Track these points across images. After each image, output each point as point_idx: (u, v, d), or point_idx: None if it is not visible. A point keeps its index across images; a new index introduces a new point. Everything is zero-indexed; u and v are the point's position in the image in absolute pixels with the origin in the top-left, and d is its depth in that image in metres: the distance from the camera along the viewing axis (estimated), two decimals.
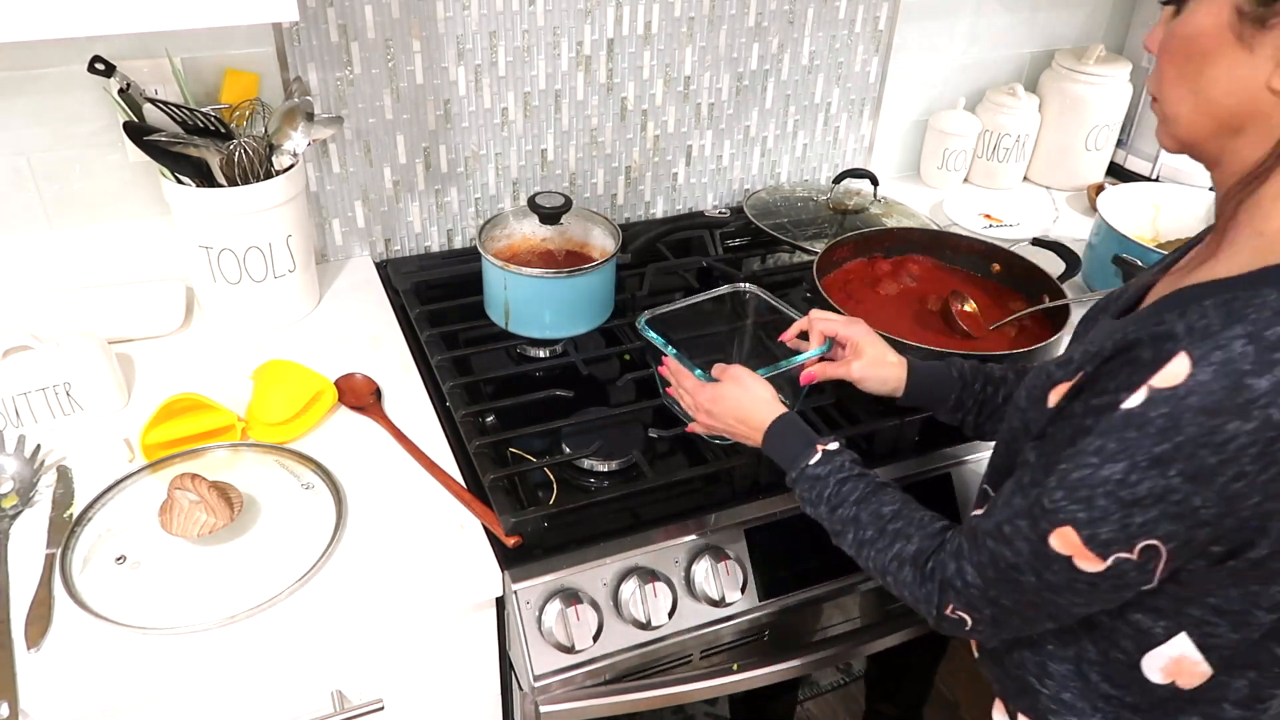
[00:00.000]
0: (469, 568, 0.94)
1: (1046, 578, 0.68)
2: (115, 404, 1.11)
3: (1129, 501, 0.62)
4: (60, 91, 1.16)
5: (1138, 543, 0.63)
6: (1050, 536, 0.67)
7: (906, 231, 1.38)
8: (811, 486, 0.89)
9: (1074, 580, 0.67)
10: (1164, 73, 0.69)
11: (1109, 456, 0.63)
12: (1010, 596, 0.72)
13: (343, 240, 1.43)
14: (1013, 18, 1.72)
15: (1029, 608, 0.72)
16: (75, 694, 0.81)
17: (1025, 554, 0.69)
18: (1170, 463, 0.60)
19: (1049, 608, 0.71)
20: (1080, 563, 0.66)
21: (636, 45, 1.43)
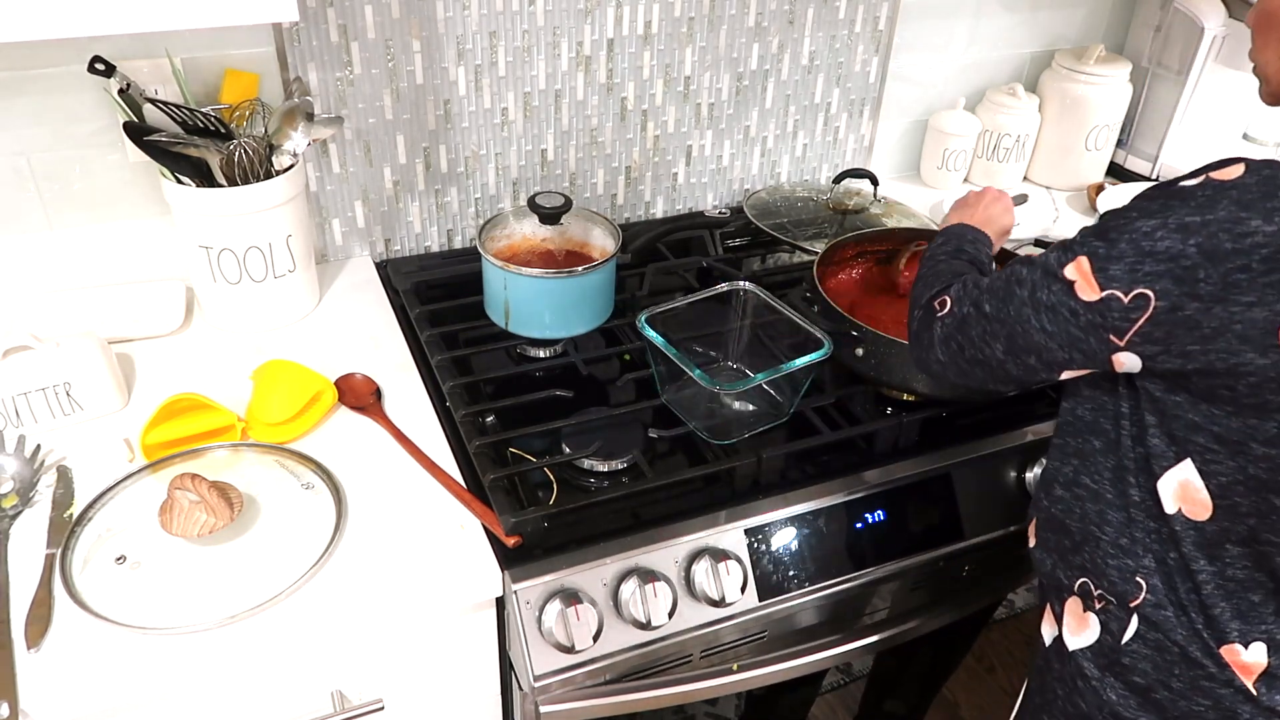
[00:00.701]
0: (469, 568, 0.94)
1: (1039, 295, 0.78)
2: (115, 404, 1.11)
3: (1146, 251, 0.70)
4: (60, 91, 1.16)
5: (1136, 288, 0.71)
6: (1068, 265, 0.75)
7: (908, 232, 1.37)
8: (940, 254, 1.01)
9: (1060, 305, 0.76)
10: (1256, 40, 0.83)
11: (1147, 214, 0.71)
12: (994, 302, 0.82)
13: (343, 240, 1.43)
14: (1013, 18, 1.72)
15: (999, 320, 0.82)
16: (75, 694, 0.81)
17: (1036, 274, 0.79)
18: (1193, 233, 0.68)
19: (1015, 326, 0.80)
20: (1080, 289, 0.74)
21: (636, 45, 1.43)
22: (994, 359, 0.84)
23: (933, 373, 0.91)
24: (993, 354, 0.84)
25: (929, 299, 0.92)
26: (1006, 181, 1.79)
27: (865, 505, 1.08)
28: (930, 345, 0.90)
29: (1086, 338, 0.76)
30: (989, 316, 0.83)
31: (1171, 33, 1.71)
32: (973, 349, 0.85)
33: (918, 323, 0.92)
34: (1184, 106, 1.72)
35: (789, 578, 1.03)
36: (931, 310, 0.90)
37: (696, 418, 1.10)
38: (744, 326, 1.20)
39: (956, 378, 0.89)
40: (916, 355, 0.92)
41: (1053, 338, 0.78)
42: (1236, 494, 0.75)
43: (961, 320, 0.86)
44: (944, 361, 0.88)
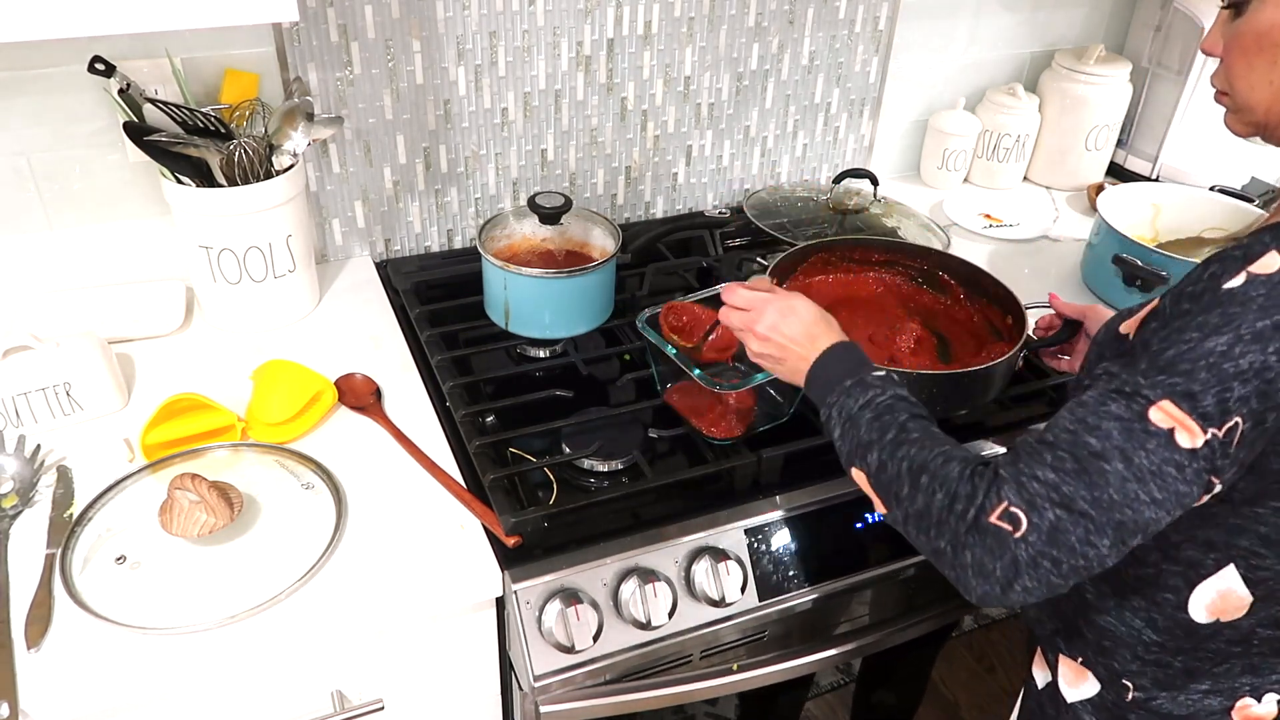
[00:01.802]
0: (469, 568, 0.94)
1: (1138, 461, 0.65)
2: (115, 404, 1.11)
3: (1231, 374, 0.63)
4: (60, 91, 1.16)
5: (1229, 419, 0.64)
6: (1150, 410, 0.65)
7: (870, 241, 1.32)
8: (864, 391, 0.81)
9: (1166, 462, 0.64)
10: (1233, 68, 0.75)
11: (1212, 330, 0.64)
12: (1088, 491, 0.66)
13: (343, 240, 1.43)
14: (1013, 18, 1.72)
15: (1102, 509, 0.66)
16: (75, 694, 0.81)
17: (1115, 437, 0.66)
18: (1270, 340, 0.62)
19: (1123, 510, 0.66)
20: (1181, 436, 0.64)
21: (636, 45, 1.43)
22: (1096, 559, 0.67)
23: (1012, 606, 0.73)
24: (1096, 553, 0.67)
25: (974, 517, 0.69)
26: (1007, 181, 1.79)
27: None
28: (1013, 575, 0.68)
29: (1191, 490, 0.65)
30: (1087, 514, 0.66)
31: (1171, 33, 1.71)
32: (1072, 558, 0.67)
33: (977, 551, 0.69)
34: (1184, 106, 1.72)
35: (789, 578, 1.03)
36: (993, 533, 0.68)
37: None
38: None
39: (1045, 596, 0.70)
40: (985, 594, 0.70)
41: (1162, 505, 0.66)
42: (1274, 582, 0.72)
43: (1052, 531, 0.66)
44: (1030, 589, 0.68)
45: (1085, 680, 0.84)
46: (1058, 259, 1.58)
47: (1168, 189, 1.57)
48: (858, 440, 0.80)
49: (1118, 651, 0.81)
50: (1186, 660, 0.78)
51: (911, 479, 0.74)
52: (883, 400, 0.80)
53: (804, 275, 1.27)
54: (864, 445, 0.79)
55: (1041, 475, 0.67)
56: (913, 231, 1.49)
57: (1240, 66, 0.74)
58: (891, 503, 0.76)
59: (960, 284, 1.25)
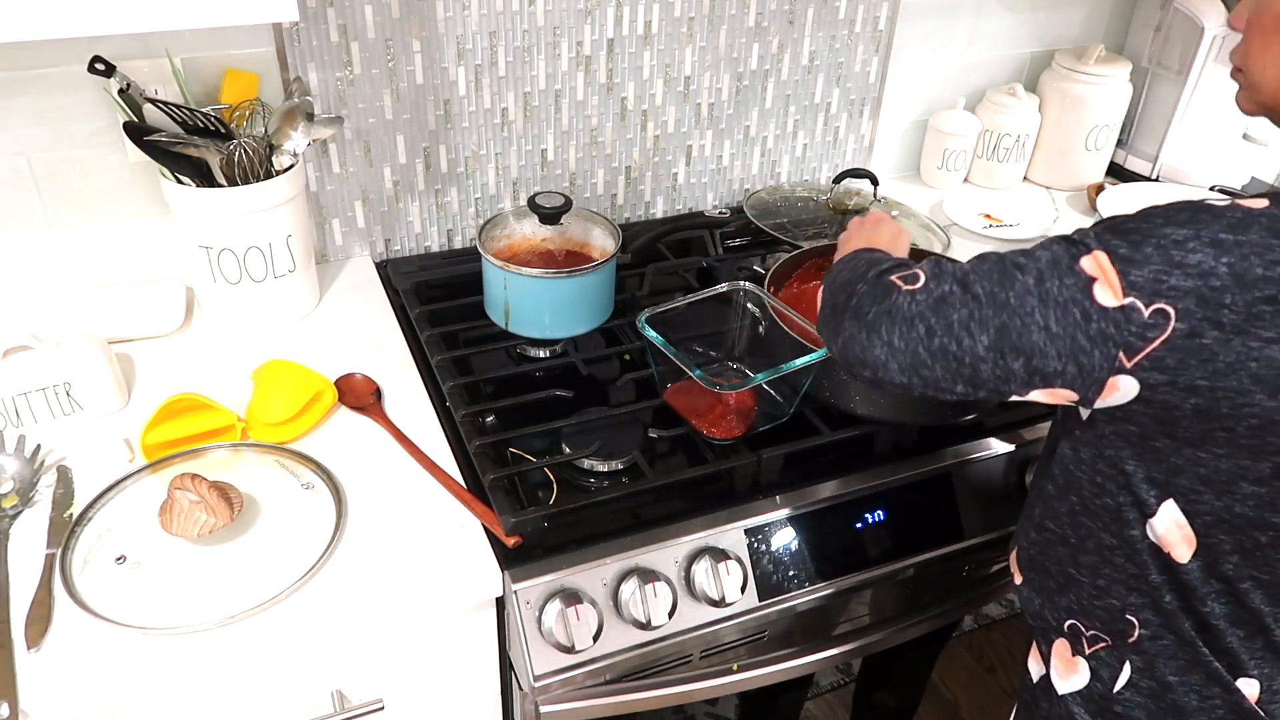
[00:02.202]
0: (469, 568, 0.94)
1: (1048, 285, 0.67)
2: (115, 404, 1.11)
3: (1176, 261, 0.63)
4: (60, 91, 1.16)
5: (1157, 301, 0.64)
6: (1083, 257, 0.67)
7: None
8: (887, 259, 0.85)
9: (1073, 301, 0.66)
10: (1250, 45, 0.77)
11: (1175, 223, 0.65)
12: (989, 283, 0.69)
13: (343, 240, 1.43)
14: (1013, 18, 1.72)
15: (995, 304, 0.69)
16: (75, 694, 0.81)
17: (1042, 261, 0.68)
18: (1227, 250, 0.62)
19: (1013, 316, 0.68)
20: (1100, 289, 0.65)
21: (636, 45, 1.43)
22: (970, 353, 0.70)
23: (868, 362, 0.74)
24: (972, 346, 0.69)
25: (879, 273, 0.75)
26: (1007, 181, 1.79)
27: (865, 505, 1.08)
28: (878, 326, 0.72)
29: (1092, 350, 0.66)
30: (980, 299, 0.69)
31: (1171, 33, 1.71)
32: (946, 336, 0.70)
33: (860, 298, 0.74)
34: (1184, 106, 1.72)
35: (789, 578, 1.03)
36: (888, 287, 0.73)
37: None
38: (744, 326, 1.20)
39: (901, 374, 0.72)
40: (850, 338, 0.74)
41: (1054, 340, 0.67)
42: (1221, 532, 0.73)
43: (940, 300, 0.71)
44: (896, 348, 0.71)
45: (1075, 672, 0.85)
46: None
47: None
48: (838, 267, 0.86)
49: (1113, 589, 0.81)
50: (1175, 598, 0.78)
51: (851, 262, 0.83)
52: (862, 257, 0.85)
53: (799, 281, 1.27)
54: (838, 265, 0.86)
55: (959, 263, 0.74)
56: (913, 232, 1.49)
57: (1257, 44, 0.76)
58: (827, 294, 0.82)
59: None
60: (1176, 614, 0.78)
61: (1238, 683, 0.78)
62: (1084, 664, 0.84)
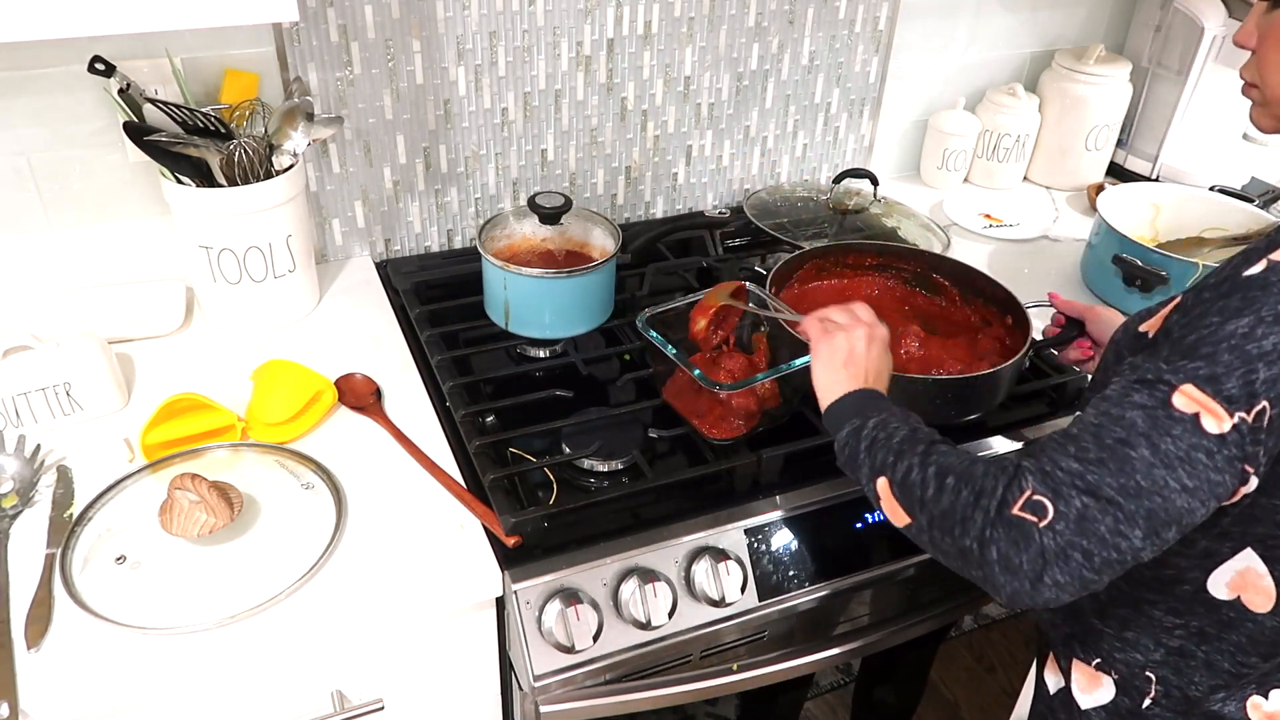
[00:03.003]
0: (469, 568, 0.94)
1: (1164, 448, 0.63)
2: (115, 404, 1.11)
3: (1254, 355, 0.62)
4: (60, 91, 1.16)
5: (1257, 403, 0.62)
6: (1173, 396, 0.64)
7: (865, 246, 1.31)
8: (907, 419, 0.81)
9: (1194, 448, 0.63)
10: (1266, 59, 0.75)
11: (1232, 313, 0.63)
12: (1113, 478, 0.64)
13: (343, 240, 1.43)
14: (1013, 18, 1.72)
15: (1130, 496, 0.64)
16: (75, 694, 0.81)
17: (1140, 423, 0.64)
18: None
19: (1152, 498, 0.64)
20: (1206, 420, 0.63)
21: (636, 45, 1.43)
22: (1130, 551, 0.65)
23: (1042, 604, 0.68)
24: (1129, 545, 0.65)
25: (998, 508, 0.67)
26: (1007, 181, 1.79)
27: (865, 505, 1.08)
28: (1042, 568, 0.66)
29: (1224, 478, 0.64)
30: (1114, 500, 0.64)
31: (1171, 33, 1.71)
32: (1104, 550, 0.65)
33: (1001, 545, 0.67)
34: (1184, 106, 1.72)
35: (789, 578, 1.03)
36: (1023, 527, 0.66)
37: None
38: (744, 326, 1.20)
39: (1077, 595, 0.67)
40: (1014, 593, 0.67)
41: (1194, 494, 0.64)
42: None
43: (1080, 519, 0.65)
44: (1062, 584, 0.66)
45: (1100, 686, 0.84)
46: (1058, 259, 1.58)
47: (1168, 189, 1.57)
48: (890, 450, 0.78)
49: (1140, 643, 0.80)
50: (1210, 652, 0.77)
51: (938, 481, 0.73)
52: (921, 430, 0.80)
53: (799, 283, 1.27)
54: (896, 454, 0.78)
55: (1065, 465, 0.66)
56: (913, 232, 1.49)
57: (1274, 57, 0.74)
58: (915, 509, 0.75)
59: (954, 285, 1.25)
60: (1201, 670, 0.77)
61: (1271, 695, 0.78)
62: (1108, 680, 0.83)
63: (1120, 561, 0.66)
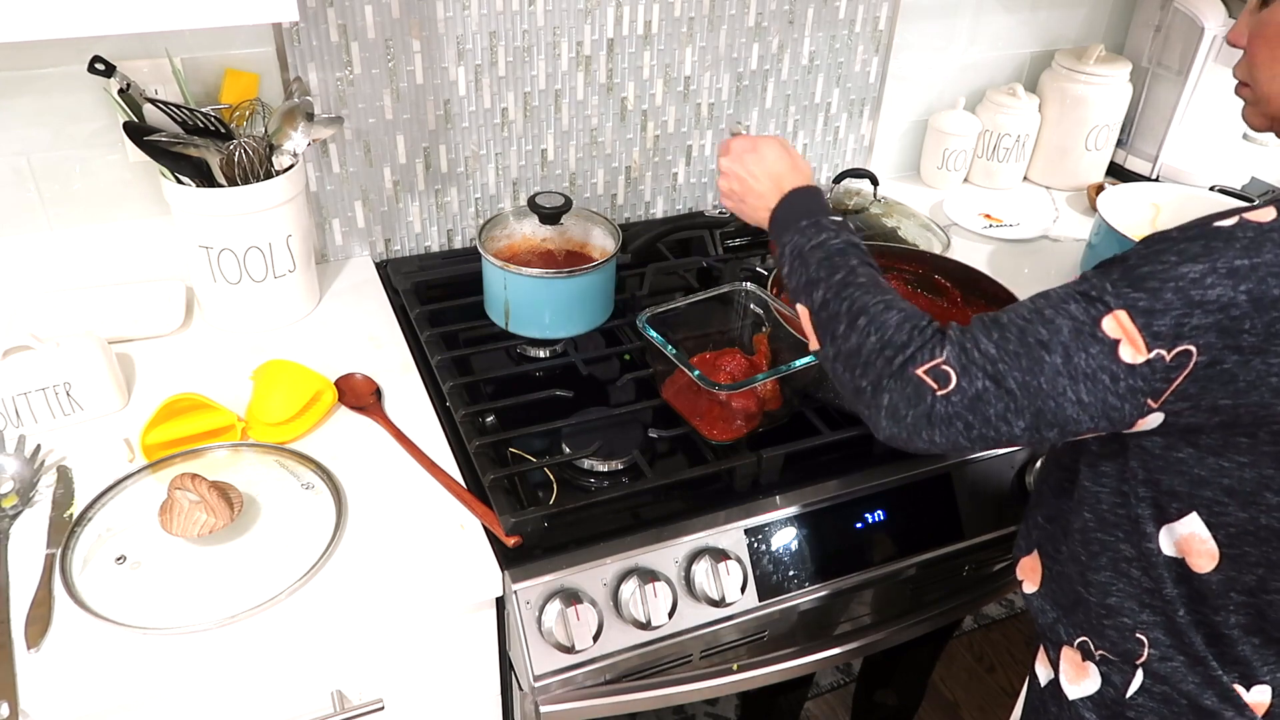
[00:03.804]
0: (469, 568, 0.94)
1: (1076, 360, 0.67)
2: (115, 404, 1.11)
3: (1196, 300, 0.63)
4: (60, 91, 1.16)
5: (1180, 344, 0.64)
6: (1104, 318, 0.66)
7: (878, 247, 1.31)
8: (819, 232, 0.83)
9: (1102, 369, 0.66)
10: (1256, 57, 0.76)
11: (1190, 257, 0.64)
12: (1020, 374, 0.68)
13: (343, 240, 1.43)
14: (1013, 18, 1.72)
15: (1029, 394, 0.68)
16: (75, 694, 0.81)
17: (1065, 332, 0.67)
18: (1243, 278, 0.62)
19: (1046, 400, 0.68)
20: (1125, 349, 0.65)
21: (636, 45, 1.43)
22: (1007, 436, 0.71)
23: (910, 451, 0.76)
24: (1009, 431, 0.70)
25: (903, 364, 0.72)
26: (1007, 181, 1.79)
27: (865, 505, 1.08)
28: (918, 430, 0.72)
29: (1121, 405, 0.67)
30: (1013, 392, 0.69)
31: (1171, 33, 1.71)
32: (985, 428, 0.70)
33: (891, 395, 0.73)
34: (1184, 106, 1.72)
35: (789, 578, 1.03)
36: (919, 387, 0.71)
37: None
38: (745, 327, 1.20)
39: (944, 450, 0.74)
40: (890, 435, 0.74)
41: (1086, 409, 0.68)
42: (1246, 544, 0.73)
43: (975, 398, 0.70)
44: (937, 443, 0.72)
45: (1086, 677, 0.84)
46: (1058, 259, 1.58)
47: (1168, 189, 1.57)
48: (806, 277, 0.82)
49: (1124, 606, 0.81)
50: (1188, 610, 0.78)
51: (849, 319, 0.77)
52: (835, 243, 0.83)
53: None
54: (811, 282, 0.82)
55: (984, 347, 0.70)
56: (912, 232, 1.49)
57: (1263, 56, 0.75)
58: (826, 339, 0.79)
59: (956, 286, 1.25)
60: (1189, 629, 0.78)
61: (1252, 690, 0.78)
62: (1095, 669, 0.84)
63: (995, 440, 0.71)
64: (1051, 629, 0.88)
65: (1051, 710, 0.88)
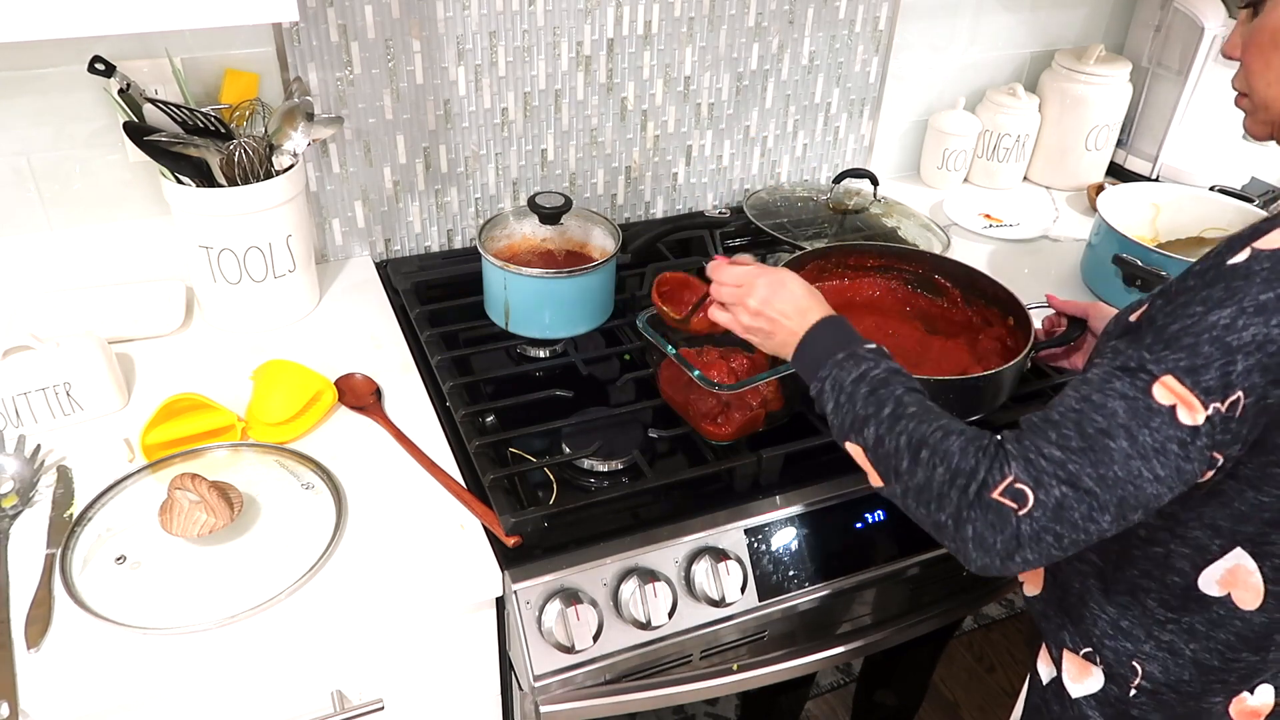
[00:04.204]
0: (469, 568, 0.94)
1: (1142, 439, 0.65)
2: (115, 404, 1.11)
3: (1234, 347, 0.63)
4: (60, 91, 1.16)
5: (1232, 393, 0.64)
6: (1153, 387, 0.65)
7: (878, 247, 1.30)
8: (858, 364, 0.81)
9: (1169, 440, 0.65)
10: (1251, 67, 0.76)
11: (1215, 304, 0.64)
12: (1093, 469, 0.66)
13: (343, 240, 1.43)
14: (1013, 18, 1.72)
15: (1106, 486, 0.66)
16: (75, 694, 0.81)
17: (1120, 413, 0.66)
18: (1274, 311, 0.62)
19: (1125, 486, 0.66)
20: (1182, 412, 0.64)
21: (636, 45, 1.43)
22: (1097, 532, 0.68)
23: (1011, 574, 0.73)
24: (1097, 528, 0.68)
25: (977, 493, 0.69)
26: (1007, 181, 1.79)
27: (865, 505, 1.08)
28: (1014, 549, 0.68)
29: (1193, 467, 0.66)
30: (1092, 491, 0.66)
31: (1171, 33, 1.71)
32: (1074, 533, 0.68)
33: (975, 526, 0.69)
34: (1184, 106, 1.72)
35: (789, 578, 1.03)
36: (1000, 512, 0.68)
37: None
38: None
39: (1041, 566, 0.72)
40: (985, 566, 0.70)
41: (1164, 482, 0.66)
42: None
43: (1057, 508, 0.67)
44: (1032, 561, 0.69)
45: (1090, 675, 0.84)
46: (1058, 259, 1.58)
47: (1168, 189, 1.57)
48: (854, 414, 0.79)
49: (1132, 633, 0.80)
50: (1198, 650, 0.78)
51: (911, 453, 0.74)
52: (877, 373, 0.80)
53: None
54: (860, 419, 0.79)
55: (1048, 452, 0.68)
56: (912, 232, 1.49)
57: (1258, 64, 0.75)
58: (890, 477, 0.76)
59: (956, 286, 1.25)
60: (1195, 662, 0.77)
61: (1256, 692, 0.78)
62: (1097, 670, 0.84)
63: (1086, 541, 0.69)
64: (1055, 635, 0.88)
65: (1054, 708, 0.88)
